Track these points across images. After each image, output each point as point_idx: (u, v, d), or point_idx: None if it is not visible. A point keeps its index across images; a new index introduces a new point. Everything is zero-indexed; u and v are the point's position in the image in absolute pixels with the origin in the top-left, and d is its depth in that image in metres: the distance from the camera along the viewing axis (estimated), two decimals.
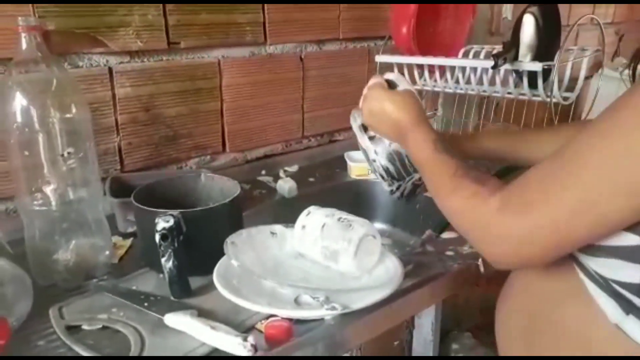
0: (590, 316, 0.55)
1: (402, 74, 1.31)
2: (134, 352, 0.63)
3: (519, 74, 1.09)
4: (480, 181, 0.60)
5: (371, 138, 0.84)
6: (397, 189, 0.85)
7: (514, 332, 0.67)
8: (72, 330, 0.67)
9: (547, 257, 0.55)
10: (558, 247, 0.53)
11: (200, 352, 0.63)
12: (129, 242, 0.92)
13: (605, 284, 0.54)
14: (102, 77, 1.01)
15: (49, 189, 0.75)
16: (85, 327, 0.68)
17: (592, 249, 0.53)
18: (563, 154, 0.52)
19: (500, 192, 0.56)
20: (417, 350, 1.41)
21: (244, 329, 0.66)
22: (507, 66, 1.05)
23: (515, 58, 1.06)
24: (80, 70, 0.98)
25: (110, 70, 1.02)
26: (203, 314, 0.69)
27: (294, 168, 1.34)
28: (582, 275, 0.57)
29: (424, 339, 1.36)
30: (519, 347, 0.66)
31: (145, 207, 0.77)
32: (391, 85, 0.80)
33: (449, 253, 0.88)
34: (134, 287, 0.78)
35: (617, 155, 0.48)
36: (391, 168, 0.83)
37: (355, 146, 0.91)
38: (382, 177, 0.85)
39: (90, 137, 0.79)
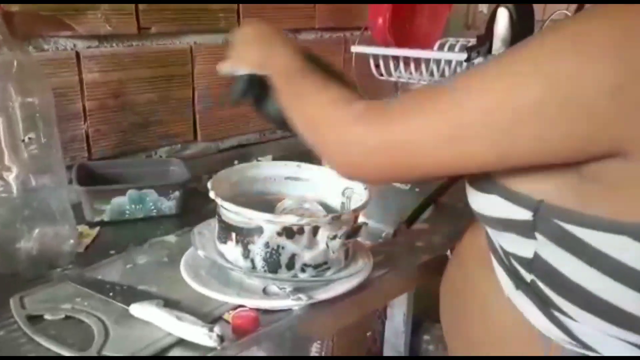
0: (492, 286, 0.58)
1: (378, 65, 1.31)
2: (97, 342, 0.61)
3: None
4: (349, 88, 0.58)
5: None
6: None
7: (443, 305, 0.70)
8: (34, 320, 0.65)
9: (385, 174, 0.54)
10: (397, 168, 0.51)
11: (165, 342, 0.62)
12: (95, 231, 0.90)
13: (505, 258, 0.56)
14: (69, 61, 0.98)
15: (10, 176, 0.73)
16: (47, 317, 0.66)
17: (497, 224, 0.53)
18: (451, 80, 0.50)
19: (370, 101, 0.53)
20: (389, 341, 1.43)
21: (211, 319, 0.66)
22: (480, 59, 1.06)
23: (489, 51, 1.06)
24: (46, 54, 0.95)
25: (77, 54, 0.99)
26: (169, 304, 0.68)
27: (267, 159, 1.32)
28: (489, 248, 0.59)
29: (395, 329, 1.38)
30: (444, 319, 0.69)
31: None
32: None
33: (420, 244, 0.89)
34: (99, 277, 0.76)
35: (496, 92, 0.44)
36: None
37: None
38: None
39: (53, 122, 0.76)
